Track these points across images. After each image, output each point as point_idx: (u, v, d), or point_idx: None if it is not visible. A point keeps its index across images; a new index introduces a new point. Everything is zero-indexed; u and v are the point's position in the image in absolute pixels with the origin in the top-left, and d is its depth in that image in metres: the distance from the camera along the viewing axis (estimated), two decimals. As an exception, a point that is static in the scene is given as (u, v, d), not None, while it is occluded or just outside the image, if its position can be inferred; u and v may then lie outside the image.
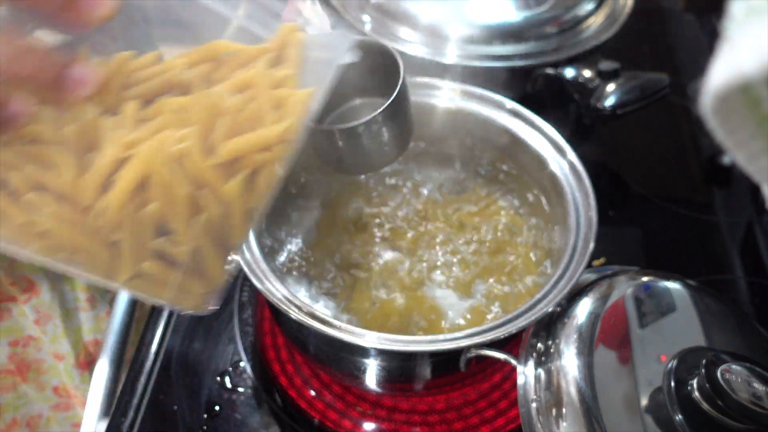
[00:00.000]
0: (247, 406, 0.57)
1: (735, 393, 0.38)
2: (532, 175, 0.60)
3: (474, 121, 0.61)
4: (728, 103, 0.19)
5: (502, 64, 0.71)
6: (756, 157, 0.21)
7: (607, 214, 0.72)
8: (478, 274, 0.58)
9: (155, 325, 0.62)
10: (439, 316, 0.55)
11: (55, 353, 0.68)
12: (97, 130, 0.33)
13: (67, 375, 0.69)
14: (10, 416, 0.68)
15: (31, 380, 0.68)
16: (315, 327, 0.45)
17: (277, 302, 0.46)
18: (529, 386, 0.45)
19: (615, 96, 0.69)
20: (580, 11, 0.75)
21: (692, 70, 0.93)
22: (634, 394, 0.41)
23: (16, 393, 0.68)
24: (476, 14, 0.72)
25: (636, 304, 0.46)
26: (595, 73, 0.70)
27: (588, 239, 0.49)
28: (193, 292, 0.35)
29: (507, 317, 0.46)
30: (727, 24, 0.19)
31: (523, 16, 0.73)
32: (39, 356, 0.67)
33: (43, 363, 0.68)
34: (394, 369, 0.50)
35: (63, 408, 0.71)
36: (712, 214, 0.75)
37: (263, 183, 0.35)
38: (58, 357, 0.68)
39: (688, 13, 1.06)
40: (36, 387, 0.69)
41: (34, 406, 0.70)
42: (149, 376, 0.58)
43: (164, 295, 0.34)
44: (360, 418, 0.56)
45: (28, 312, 0.64)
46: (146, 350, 0.60)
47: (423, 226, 0.62)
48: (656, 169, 0.82)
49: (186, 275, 0.34)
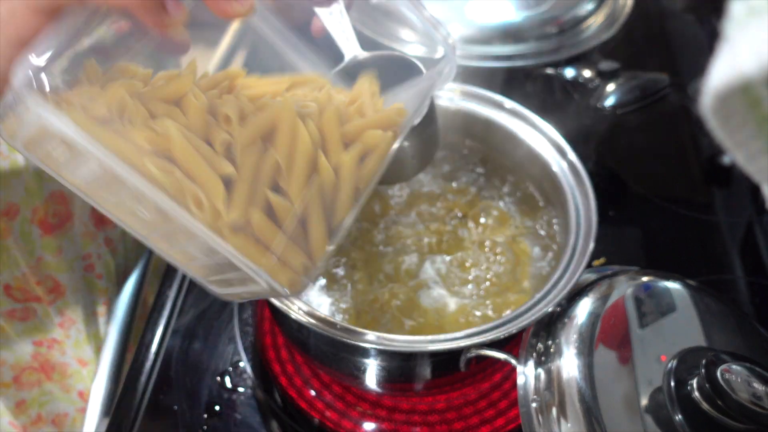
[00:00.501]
0: (247, 406, 0.57)
1: (735, 393, 0.38)
2: (531, 175, 0.60)
3: (474, 121, 0.61)
4: (728, 103, 0.19)
5: (502, 64, 0.71)
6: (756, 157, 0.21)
7: (607, 214, 0.72)
8: (476, 274, 0.58)
9: (155, 325, 0.62)
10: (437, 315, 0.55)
11: (78, 359, 0.68)
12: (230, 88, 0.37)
13: (91, 381, 0.69)
14: (35, 412, 0.68)
15: (56, 380, 0.69)
16: (315, 327, 0.45)
17: (277, 302, 0.46)
18: (529, 386, 0.45)
19: (615, 96, 0.69)
20: (580, 11, 0.76)
21: (692, 70, 0.92)
22: (634, 394, 0.41)
23: (41, 390, 0.68)
24: (476, 14, 0.72)
25: (636, 304, 0.46)
26: (595, 73, 0.70)
27: (588, 239, 0.49)
28: (292, 263, 0.34)
29: (507, 317, 0.46)
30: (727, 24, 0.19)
31: (523, 16, 0.73)
32: (63, 360, 0.68)
33: (68, 367, 0.68)
34: (394, 369, 0.50)
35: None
36: (712, 214, 0.75)
37: (372, 164, 0.37)
38: (82, 362, 0.68)
39: (688, 13, 1.06)
40: (61, 387, 0.69)
41: (59, 404, 0.70)
42: (149, 376, 0.58)
43: (264, 261, 0.32)
44: (360, 418, 0.56)
45: (53, 313, 0.64)
46: (146, 350, 0.60)
47: (422, 225, 0.62)
48: (656, 168, 0.82)
49: (289, 243, 0.33)
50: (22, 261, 0.59)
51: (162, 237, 0.34)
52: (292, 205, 0.33)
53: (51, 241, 0.60)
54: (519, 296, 0.57)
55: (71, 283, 0.63)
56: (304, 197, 0.34)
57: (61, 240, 0.61)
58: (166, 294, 0.64)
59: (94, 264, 0.66)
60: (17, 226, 0.57)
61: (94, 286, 0.67)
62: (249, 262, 0.32)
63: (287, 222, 0.33)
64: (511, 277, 0.58)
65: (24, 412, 0.67)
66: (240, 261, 0.32)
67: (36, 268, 0.60)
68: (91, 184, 0.33)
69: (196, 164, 0.32)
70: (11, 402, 0.66)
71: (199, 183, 0.32)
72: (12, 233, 0.57)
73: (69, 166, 0.32)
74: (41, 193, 0.58)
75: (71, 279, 0.63)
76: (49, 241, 0.60)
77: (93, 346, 0.68)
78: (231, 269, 0.32)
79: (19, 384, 0.66)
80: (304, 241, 0.35)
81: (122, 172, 0.30)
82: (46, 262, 0.61)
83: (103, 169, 0.30)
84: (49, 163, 0.32)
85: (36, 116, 0.29)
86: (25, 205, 0.57)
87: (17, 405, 0.67)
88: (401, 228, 0.62)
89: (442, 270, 0.59)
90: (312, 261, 0.35)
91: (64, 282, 0.63)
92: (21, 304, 0.62)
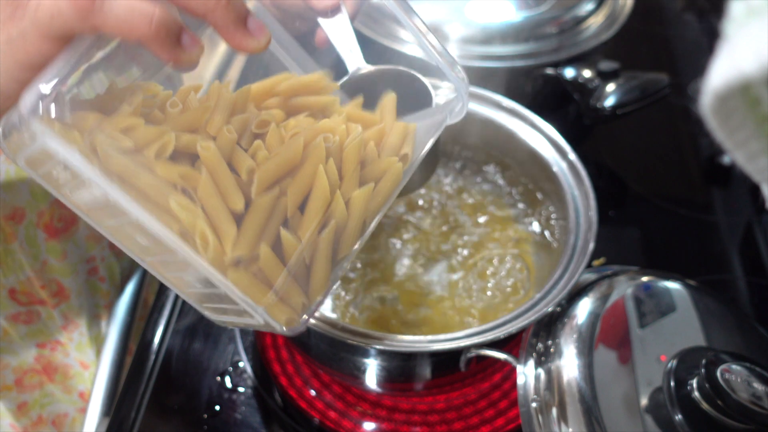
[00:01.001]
0: (247, 406, 0.57)
1: (735, 393, 0.38)
2: (531, 175, 0.60)
3: (474, 121, 0.61)
4: (728, 103, 0.19)
5: (502, 64, 0.71)
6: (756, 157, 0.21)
7: (607, 214, 0.72)
8: (475, 274, 0.58)
9: (155, 325, 0.62)
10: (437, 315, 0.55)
11: (81, 361, 0.68)
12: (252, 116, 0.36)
13: (92, 383, 0.69)
14: (36, 414, 0.68)
15: (58, 382, 0.69)
16: (315, 327, 0.45)
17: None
18: (529, 386, 0.45)
19: (615, 96, 0.69)
20: (580, 11, 0.76)
21: (692, 70, 0.93)
22: (634, 394, 0.41)
23: (42, 391, 0.68)
24: (476, 14, 0.72)
25: (636, 304, 0.46)
26: (595, 73, 0.70)
27: (588, 239, 0.49)
28: (290, 301, 0.33)
29: (507, 317, 0.46)
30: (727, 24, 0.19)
31: (523, 16, 0.73)
32: (66, 361, 0.68)
33: (70, 368, 0.69)
34: (394, 369, 0.50)
35: None
36: (712, 214, 0.75)
37: (381, 198, 0.36)
38: (84, 365, 0.68)
39: (688, 13, 1.06)
40: (63, 389, 0.69)
41: (60, 405, 0.70)
42: (149, 376, 0.58)
43: (264, 300, 0.32)
44: (360, 417, 0.56)
45: (57, 316, 0.64)
46: (146, 350, 0.60)
47: (421, 225, 0.62)
48: (656, 169, 0.82)
49: (291, 281, 0.33)
50: (27, 265, 0.59)
51: (158, 262, 0.34)
52: (300, 243, 0.33)
53: (56, 245, 0.60)
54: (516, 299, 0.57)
55: (75, 287, 0.63)
56: (314, 237, 0.33)
57: (66, 244, 0.61)
58: (166, 294, 0.64)
59: (98, 267, 0.66)
60: (23, 230, 0.57)
61: (97, 290, 0.67)
62: (248, 299, 0.31)
63: (293, 260, 0.33)
64: (512, 281, 0.58)
65: (25, 414, 0.67)
66: (239, 297, 0.31)
67: (41, 271, 0.60)
68: (91, 208, 0.32)
69: (215, 204, 0.31)
70: (13, 404, 0.66)
71: (214, 223, 0.31)
72: (17, 237, 0.57)
73: (69, 187, 0.32)
74: (47, 197, 0.58)
75: (75, 283, 0.63)
76: (54, 245, 0.60)
77: (95, 349, 0.68)
78: (228, 301, 0.32)
79: (21, 387, 0.66)
80: (306, 280, 0.34)
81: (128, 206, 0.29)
82: (51, 266, 0.61)
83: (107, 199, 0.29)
84: (49, 181, 0.32)
85: (41, 143, 0.28)
86: (31, 209, 0.57)
87: (19, 407, 0.67)
88: (401, 229, 0.62)
89: (442, 270, 0.59)
90: (310, 299, 0.34)
91: (69, 285, 0.63)
92: (25, 308, 0.62)
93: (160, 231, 0.29)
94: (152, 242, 0.31)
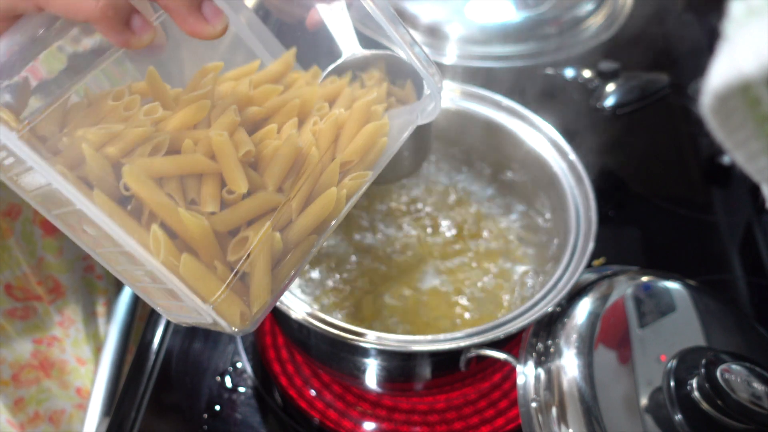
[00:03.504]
0: (247, 406, 0.57)
1: (735, 393, 0.38)
2: (531, 175, 0.60)
3: (474, 121, 0.61)
4: (728, 103, 0.19)
5: (502, 64, 0.71)
6: (755, 157, 0.21)
7: (607, 214, 0.72)
8: (475, 273, 0.58)
9: (155, 325, 0.62)
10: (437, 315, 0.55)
11: (77, 357, 0.68)
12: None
13: (89, 379, 0.69)
14: (33, 409, 0.68)
15: (55, 377, 0.69)
16: (315, 327, 0.45)
17: (277, 302, 0.46)
18: (529, 386, 0.45)
19: (615, 96, 0.69)
20: (580, 11, 0.76)
21: (692, 70, 0.92)
22: (634, 394, 0.41)
23: (39, 387, 0.68)
24: (476, 14, 0.72)
25: (636, 304, 0.46)
26: (595, 73, 0.70)
27: (588, 239, 0.49)
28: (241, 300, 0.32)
29: (507, 317, 0.46)
30: (727, 24, 0.19)
31: (523, 16, 0.73)
32: (63, 357, 0.68)
33: (67, 364, 0.69)
34: (394, 369, 0.50)
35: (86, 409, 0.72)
36: (712, 214, 0.75)
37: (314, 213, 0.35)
38: (81, 361, 0.68)
39: (688, 13, 1.06)
40: (59, 384, 0.69)
41: (57, 401, 0.70)
42: (149, 376, 0.58)
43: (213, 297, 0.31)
44: (360, 417, 0.56)
45: (53, 312, 0.64)
46: (146, 350, 0.60)
47: (421, 226, 0.62)
48: (656, 169, 0.82)
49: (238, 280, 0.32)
50: (24, 261, 0.59)
51: (109, 254, 0.33)
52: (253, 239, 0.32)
53: (52, 241, 0.60)
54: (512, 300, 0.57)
55: (71, 284, 0.63)
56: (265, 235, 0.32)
57: (62, 241, 0.61)
58: (166, 294, 0.64)
59: (95, 265, 0.66)
60: (19, 227, 0.57)
61: (94, 287, 0.67)
62: (195, 298, 0.30)
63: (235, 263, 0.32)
64: (510, 281, 0.58)
65: (22, 410, 0.67)
66: (185, 294, 0.30)
67: (37, 268, 0.60)
68: (35, 194, 0.32)
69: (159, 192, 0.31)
70: (9, 400, 0.66)
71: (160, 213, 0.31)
72: (14, 233, 0.57)
73: (13, 170, 0.31)
74: None
75: (72, 279, 0.63)
76: (50, 242, 0.60)
77: (92, 346, 0.68)
78: (176, 298, 0.31)
79: (17, 382, 0.66)
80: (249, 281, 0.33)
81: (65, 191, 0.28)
82: (47, 263, 0.61)
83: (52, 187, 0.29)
84: None
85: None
86: (27, 205, 0.57)
87: (15, 403, 0.67)
88: (401, 229, 0.62)
89: (442, 270, 0.59)
90: (250, 309, 0.33)
91: (65, 282, 0.63)
92: (21, 303, 0.62)
93: (101, 219, 0.29)
94: (100, 235, 0.31)
